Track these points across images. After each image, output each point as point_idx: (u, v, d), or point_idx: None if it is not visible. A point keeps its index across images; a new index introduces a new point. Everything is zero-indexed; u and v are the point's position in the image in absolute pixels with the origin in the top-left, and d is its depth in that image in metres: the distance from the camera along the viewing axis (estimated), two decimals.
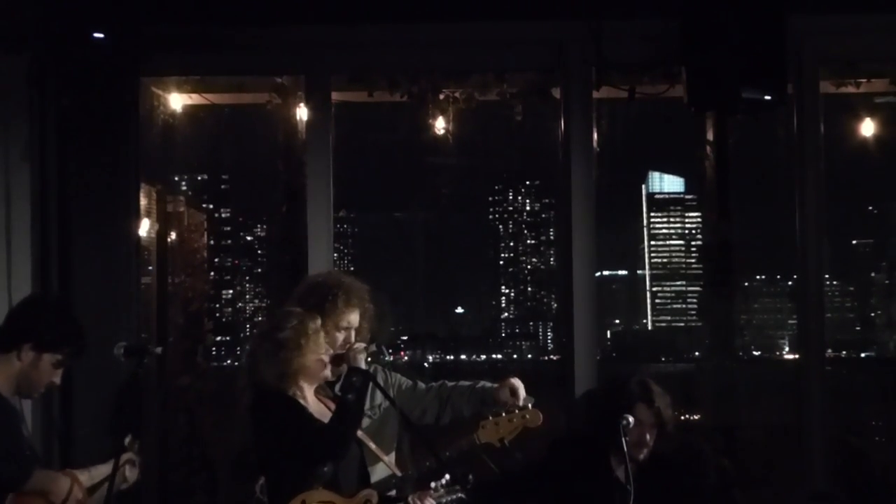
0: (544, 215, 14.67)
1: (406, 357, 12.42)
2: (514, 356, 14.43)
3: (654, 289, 14.98)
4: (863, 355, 11.12)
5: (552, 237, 14.08)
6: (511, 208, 14.86)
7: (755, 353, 12.44)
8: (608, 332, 14.13)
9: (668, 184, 15.33)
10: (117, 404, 6.06)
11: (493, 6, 6.90)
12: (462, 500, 5.16)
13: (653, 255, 15.13)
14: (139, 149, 7.00)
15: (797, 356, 7.37)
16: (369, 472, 5.39)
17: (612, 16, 6.82)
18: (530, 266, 14.87)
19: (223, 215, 12.67)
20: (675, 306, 14.90)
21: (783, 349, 12.35)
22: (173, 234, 8.05)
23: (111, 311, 6.65)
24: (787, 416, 7.40)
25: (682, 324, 14.50)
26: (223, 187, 12.30)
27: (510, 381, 5.54)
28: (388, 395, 5.48)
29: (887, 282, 12.07)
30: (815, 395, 6.98)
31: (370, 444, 5.42)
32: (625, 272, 15.08)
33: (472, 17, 6.92)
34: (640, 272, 15.12)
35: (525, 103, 7.45)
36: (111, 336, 5.66)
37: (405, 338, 12.90)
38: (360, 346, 5.32)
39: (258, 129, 8.32)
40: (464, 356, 14.02)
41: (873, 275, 12.20)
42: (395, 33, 7.01)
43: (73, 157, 6.75)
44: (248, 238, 13.29)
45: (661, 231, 15.12)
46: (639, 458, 5.74)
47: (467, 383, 5.73)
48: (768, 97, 6.15)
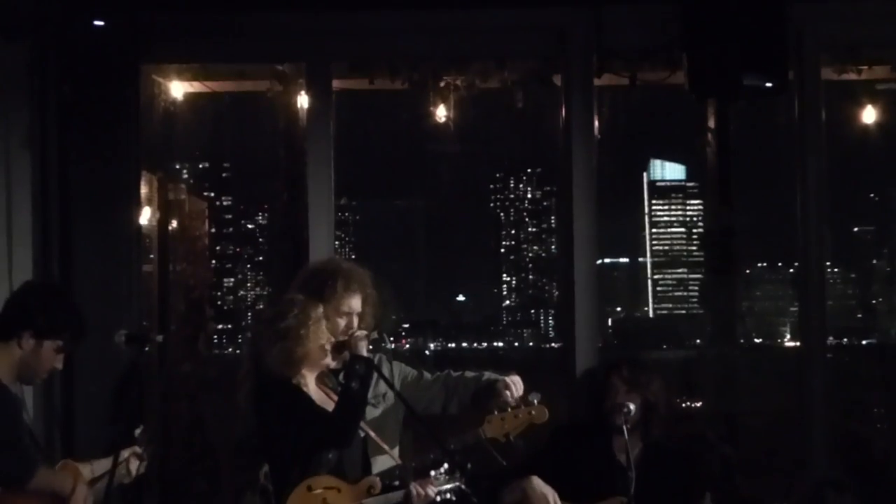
0: (545, 203, 14.68)
1: (407, 345, 12.43)
2: (516, 344, 14.45)
3: (656, 276, 15.00)
4: (864, 342, 11.12)
5: (553, 225, 14.08)
6: (512, 196, 14.87)
7: (756, 340, 12.46)
8: (609, 319, 14.16)
9: (670, 171, 15.34)
10: (118, 392, 6.05)
11: None
12: (461, 488, 5.15)
13: (654, 242, 15.14)
14: (140, 136, 6.98)
15: (798, 343, 7.36)
16: (372, 462, 5.39)
17: (612, 2, 6.81)
18: (531, 254, 14.88)
19: (224, 203, 12.68)
20: (676, 294, 14.91)
21: (784, 336, 12.36)
22: (174, 223, 8.03)
23: (112, 299, 6.64)
24: (789, 403, 7.40)
25: (684, 311, 14.52)
26: (224, 175, 12.31)
27: (509, 378, 5.53)
28: (391, 385, 5.46)
29: (888, 269, 12.08)
30: (817, 382, 6.97)
31: (372, 434, 5.40)
32: (626, 260, 15.09)
33: (473, 5, 6.90)
34: (641, 260, 15.14)
35: (526, 91, 7.42)
36: (112, 324, 5.63)
37: (406, 325, 12.91)
38: (361, 333, 5.30)
39: (259, 117, 8.31)
40: (465, 344, 14.03)
41: (875, 262, 12.22)
42: (396, 20, 6.99)
43: (74, 145, 6.74)
44: (249, 226, 13.30)
45: (662, 219, 15.13)
46: (618, 425, 5.69)
47: (472, 374, 5.72)
48: (769, 84, 6.12)
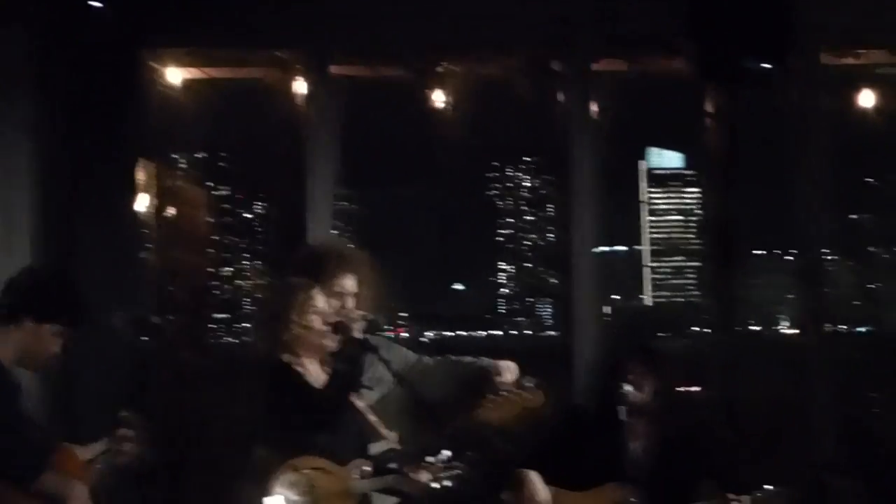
0: (544, 191, 14.67)
1: (405, 333, 12.42)
2: (514, 332, 14.46)
3: (654, 264, 15.00)
4: (863, 330, 11.14)
5: (552, 213, 14.07)
6: (511, 184, 14.86)
7: (756, 328, 12.46)
8: (607, 307, 14.16)
9: (668, 159, 15.33)
10: (116, 376, 6.05)
11: None
12: (460, 476, 5.15)
13: (652, 230, 15.15)
14: (139, 121, 6.97)
15: (797, 331, 7.36)
16: (370, 447, 5.37)
17: None
18: (530, 242, 14.88)
19: (222, 192, 12.66)
20: (674, 282, 14.92)
21: (783, 324, 12.38)
22: (172, 211, 8.02)
23: (111, 285, 6.63)
24: (789, 391, 7.40)
25: (682, 299, 14.53)
26: (221, 164, 12.28)
27: (503, 363, 5.53)
28: (390, 367, 5.45)
29: (887, 256, 12.09)
30: (816, 369, 6.98)
31: (370, 418, 5.39)
32: (624, 248, 15.09)
33: None
34: (638, 248, 15.14)
35: (526, 78, 7.41)
36: (111, 309, 5.64)
37: (404, 314, 12.90)
38: (355, 314, 5.30)
39: (257, 104, 8.29)
40: (463, 332, 14.04)
41: (873, 249, 12.23)
42: (396, 7, 6.98)
43: (73, 131, 6.74)
44: (248, 215, 13.29)
45: (660, 207, 15.14)
46: (626, 412, 5.60)
47: (470, 359, 5.72)
48: (770, 68, 6.12)
